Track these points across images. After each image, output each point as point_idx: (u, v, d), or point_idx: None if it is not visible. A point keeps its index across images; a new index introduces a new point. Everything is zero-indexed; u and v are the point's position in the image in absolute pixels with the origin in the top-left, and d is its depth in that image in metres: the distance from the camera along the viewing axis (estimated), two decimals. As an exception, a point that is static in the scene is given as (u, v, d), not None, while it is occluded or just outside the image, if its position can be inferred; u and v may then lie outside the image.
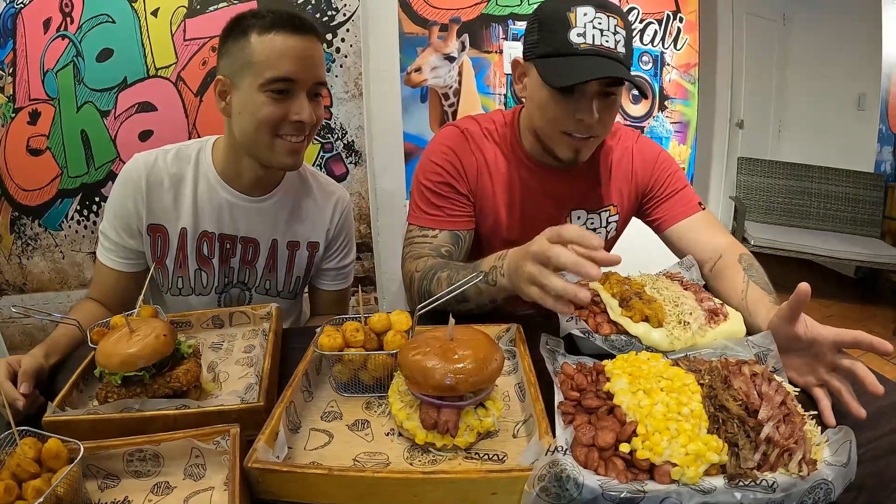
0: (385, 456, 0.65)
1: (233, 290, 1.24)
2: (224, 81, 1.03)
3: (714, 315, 0.87)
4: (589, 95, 1.00)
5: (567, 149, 1.08)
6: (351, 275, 1.40)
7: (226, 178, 1.15)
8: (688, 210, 1.21)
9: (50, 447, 0.58)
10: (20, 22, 2.28)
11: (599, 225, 1.27)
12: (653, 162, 1.26)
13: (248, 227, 1.19)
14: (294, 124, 1.03)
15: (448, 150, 1.18)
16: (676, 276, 1.02)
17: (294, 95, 1.01)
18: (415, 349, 0.66)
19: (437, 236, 1.16)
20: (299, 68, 1.00)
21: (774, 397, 0.61)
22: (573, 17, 0.97)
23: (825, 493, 0.54)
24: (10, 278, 2.51)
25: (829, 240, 3.58)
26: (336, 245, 1.32)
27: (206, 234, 1.16)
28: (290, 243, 1.24)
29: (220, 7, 2.38)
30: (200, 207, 1.15)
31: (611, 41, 0.97)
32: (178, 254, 1.17)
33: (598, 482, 0.52)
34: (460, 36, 2.75)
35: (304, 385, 0.76)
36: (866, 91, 3.88)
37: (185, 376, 0.76)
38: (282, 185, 1.21)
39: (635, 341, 0.83)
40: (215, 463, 0.63)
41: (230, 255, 1.20)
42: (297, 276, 1.29)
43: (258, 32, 0.98)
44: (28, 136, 2.38)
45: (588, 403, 0.64)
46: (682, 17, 3.11)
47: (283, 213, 1.22)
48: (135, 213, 1.12)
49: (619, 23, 0.98)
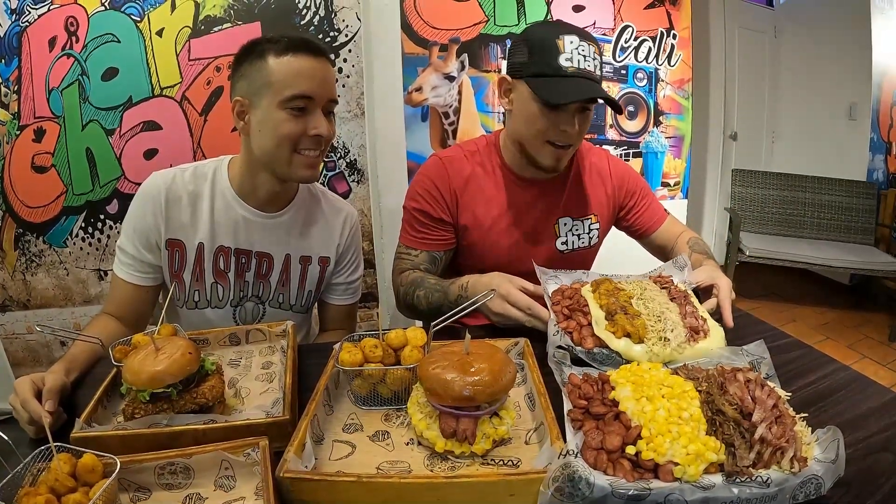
0: (407, 464, 0.69)
1: (247, 304, 1.27)
2: (242, 102, 1.08)
3: (695, 332, 0.92)
4: (572, 111, 1.15)
5: (550, 157, 1.22)
6: (359, 290, 1.44)
7: (242, 195, 1.20)
8: (661, 219, 1.44)
9: (86, 462, 0.60)
10: (25, 40, 2.28)
11: (583, 231, 1.39)
12: (626, 178, 1.44)
13: (263, 242, 1.23)
14: (312, 139, 1.09)
15: (427, 179, 1.33)
16: (667, 279, 1.07)
17: (311, 112, 1.07)
18: (434, 363, 0.71)
19: (417, 256, 1.34)
20: (316, 86, 1.06)
21: (767, 401, 0.66)
22: (561, 44, 1.12)
23: (816, 488, 0.58)
24: (14, 294, 2.49)
25: (824, 248, 3.61)
26: (346, 260, 1.37)
27: (223, 248, 1.21)
28: (302, 258, 1.28)
29: (224, 28, 2.39)
30: (217, 223, 1.19)
31: (591, 65, 1.13)
32: (196, 268, 1.20)
33: (607, 481, 0.57)
34: (460, 56, 2.79)
35: (325, 399, 0.79)
36: (857, 100, 3.91)
37: (210, 392, 0.78)
38: (294, 202, 1.26)
39: (616, 356, 0.88)
40: (245, 474, 0.66)
41: (245, 269, 1.24)
42: (310, 291, 1.32)
43: (275, 55, 1.04)
44: (33, 154, 2.36)
45: (596, 410, 0.68)
46: (675, 34, 3.16)
47: (295, 228, 1.26)
48: (154, 227, 1.17)
49: (596, 50, 1.15)
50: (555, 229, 1.37)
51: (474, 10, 2.79)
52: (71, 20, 2.30)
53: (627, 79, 3.14)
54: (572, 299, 1.01)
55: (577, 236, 1.38)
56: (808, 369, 0.93)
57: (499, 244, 1.34)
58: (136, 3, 2.32)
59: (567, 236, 1.37)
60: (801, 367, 0.94)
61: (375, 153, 2.75)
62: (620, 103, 3.13)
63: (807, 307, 3.77)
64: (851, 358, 2.98)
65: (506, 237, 1.34)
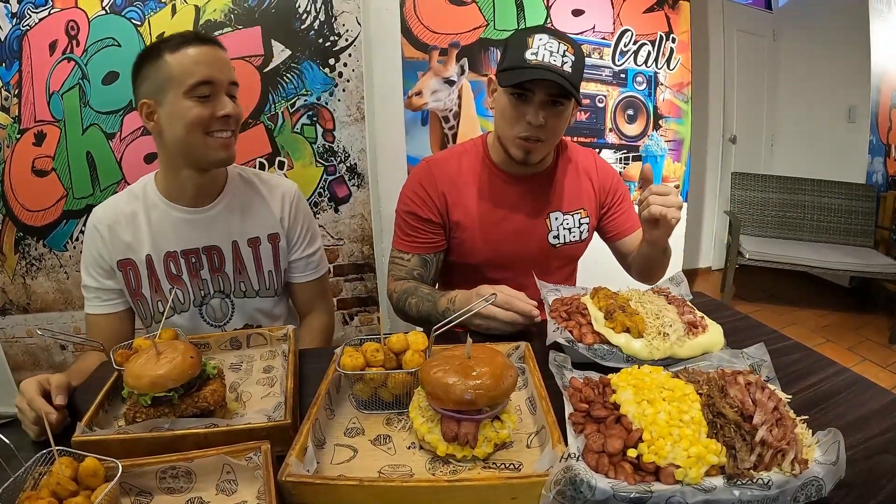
0: (408, 468, 0.69)
1: (213, 301, 1.30)
2: (149, 103, 1.12)
3: (693, 327, 0.93)
4: (537, 103, 1.19)
5: (519, 149, 1.26)
6: (322, 263, 1.45)
7: (172, 199, 1.23)
8: (633, 227, 1.46)
9: (87, 465, 0.60)
10: (26, 44, 2.28)
11: (574, 226, 1.41)
12: (609, 178, 1.47)
13: (206, 237, 1.26)
14: (221, 120, 1.12)
15: (415, 183, 1.38)
16: (664, 290, 1.08)
17: (216, 96, 1.12)
18: (435, 367, 0.71)
19: (410, 260, 1.38)
20: (215, 71, 1.11)
21: (767, 403, 0.66)
22: (531, 41, 1.17)
23: (816, 490, 0.59)
24: (14, 298, 2.49)
25: (823, 251, 3.61)
26: (297, 234, 1.37)
27: (170, 254, 1.24)
28: (250, 241, 1.30)
29: (224, 32, 2.41)
30: (157, 232, 1.23)
31: (558, 61, 1.15)
32: (151, 280, 1.25)
33: (609, 484, 0.57)
34: (459, 60, 2.80)
35: (327, 403, 0.80)
36: (856, 103, 3.91)
37: (212, 396, 0.78)
38: (226, 190, 1.29)
39: (616, 350, 0.89)
40: (247, 478, 0.66)
41: (199, 267, 1.27)
42: (269, 271, 1.34)
43: (171, 51, 1.09)
44: (33, 157, 2.36)
45: (597, 413, 0.68)
46: (674, 38, 3.18)
47: (234, 214, 1.28)
48: (103, 255, 1.23)
49: (569, 49, 1.17)
50: (546, 223, 1.39)
51: (474, 15, 2.80)
52: (72, 24, 2.31)
53: (627, 82, 3.15)
54: (571, 304, 1.02)
55: (568, 230, 1.41)
56: (808, 372, 0.94)
57: (490, 240, 1.36)
58: (136, 8, 2.33)
59: (558, 230, 1.40)
60: (802, 370, 0.94)
61: (375, 157, 2.76)
62: (620, 106, 3.15)
63: (807, 310, 3.77)
64: (852, 360, 2.98)
65: (497, 233, 1.36)
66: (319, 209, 2.65)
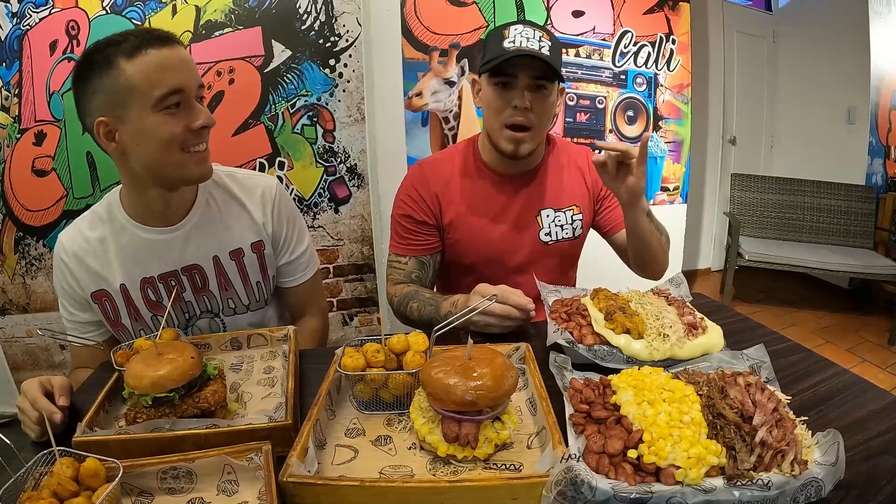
0: (409, 468, 0.69)
1: (200, 323, 1.20)
2: (106, 121, 0.96)
3: (693, 328, 0.93)
4: (521, 87, 1.21)
5: (508, 142, 1.26)
6: (313, 261, 1.34)
7: (140, 220, 1.11)
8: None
9: (88, 466, 0.61)
10: (26, 43, 2.28)
11: (566, 222, 1.41)
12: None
13: (183, 256, 1.15)
14: (197, 132, 1.00)
15: (409, 186, 1.40)
16: (664, 291, 1.09)
17: (187, 105, 0.98)
18: (436, 368, 0.71)
19: (407, 263, 1.39)
20: (184, 77, 0.97)
21: (767, 404, 0.66)
22: (507, 31, 1.20)
23: (816, 491, 0.59)
24: (13, 298, 2.49)
25: (823, 252, 3.61)
26: (283, 237, 1.26)
27: (146, 280, 1.13)
28: (232, 253, 1.19)
29: (225, 32, 2.41)
30: (129, 258, 1.12)
31: (535, 45, 1.17)
32: (129, 309, 1.14)
33: (609, 485, 0.57)
34: (460, 61, 2.81)
35: (327, 404, 0.80)
36: (856, 104, 3.92)
37: (212, 397, 0.79)
38: (198, 202, 1.16)
39: (617, 351, 0.89)
40: (248, 478, 0.66)
41: (180, 290, 1.16)
42: (257, 282, 1.23)
43: (126, 58, 0.92)
44: (33, 157, 2.37)
45: (597, 414, 0.68)
46: (674, 39, 3.18)
47: (211, 227, 1.16)
48: (74, 287, 1.13)
49: (545, 36, 1.20)
50: (538, 221, 1.39)
51: (474, 16, 2.81)
52: (72, 24, 2.31)
53: (627, 84, 3.16)
54: (571, 306, 1.02)
55: (561, 227, 1.41)
56: (807, 373, 0.94)
57: (483, 239, 1.37)
58: (137, 8, 2.33)
59: (550, 227, 1.40)
60: (801, 371, 0.94)
61: (376, 158, 2.76)
62: (622, 106, 3.15)
63: (806, 311, 3.77)
64: (851, 361, 2.99)
65: (489, 231, 1.37)
66: (319, 209, 2.66)
